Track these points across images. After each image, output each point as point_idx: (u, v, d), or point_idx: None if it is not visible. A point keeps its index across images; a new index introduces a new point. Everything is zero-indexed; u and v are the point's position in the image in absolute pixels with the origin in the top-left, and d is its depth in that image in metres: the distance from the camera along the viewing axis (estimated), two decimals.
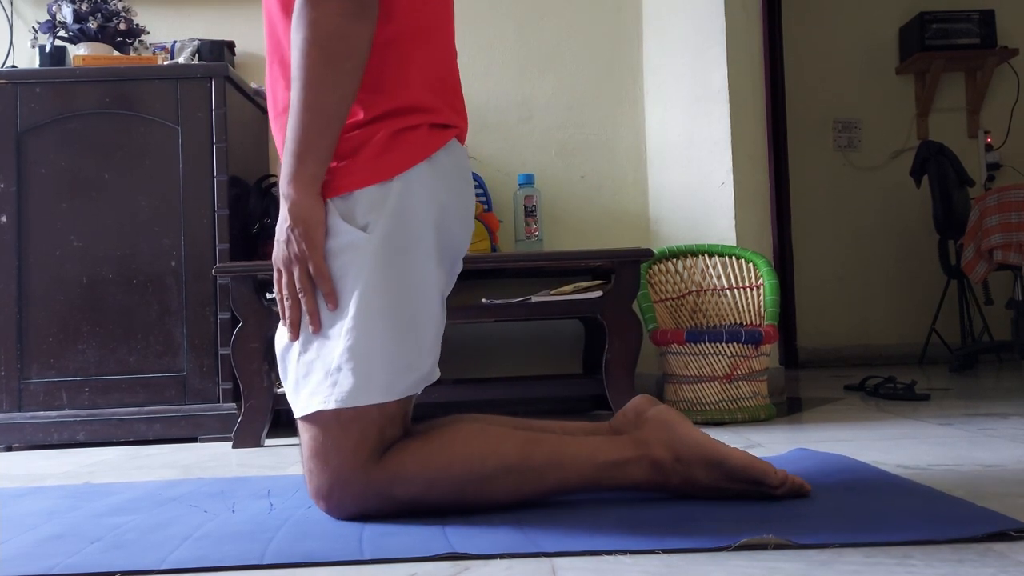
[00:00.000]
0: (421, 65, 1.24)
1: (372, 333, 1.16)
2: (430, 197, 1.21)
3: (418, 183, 1.20)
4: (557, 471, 1.19)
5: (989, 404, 2.47)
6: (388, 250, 1.17)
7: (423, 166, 1.21)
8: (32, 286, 2.32)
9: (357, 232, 1.17)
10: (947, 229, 4.08)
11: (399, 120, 1.20)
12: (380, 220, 1.17)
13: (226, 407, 2.30)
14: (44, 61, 2.53)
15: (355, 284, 1.16)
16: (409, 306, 1.19)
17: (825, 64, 4.71)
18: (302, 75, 1.13)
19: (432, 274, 1.22)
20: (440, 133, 1.26)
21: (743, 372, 2.27)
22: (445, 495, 1.17)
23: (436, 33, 1.29)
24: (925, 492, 1.25)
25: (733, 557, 0.97)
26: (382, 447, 1.17)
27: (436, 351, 1.24)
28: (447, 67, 1.31)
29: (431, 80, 1.26)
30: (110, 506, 1.39)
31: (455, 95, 1.32)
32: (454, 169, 1.27)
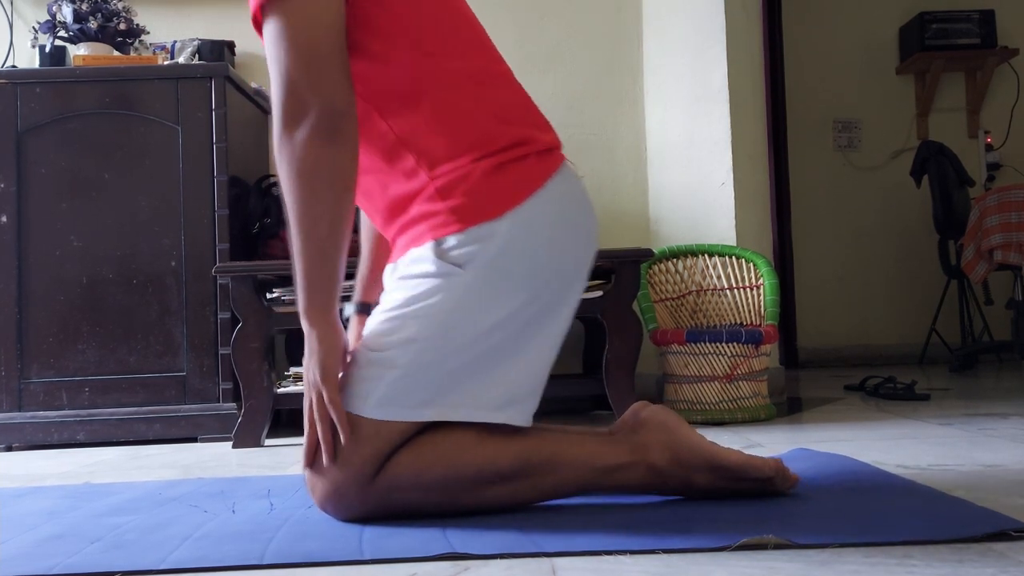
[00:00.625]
0: (501, 100, 1.23)
1: (432, 359, 1.14)
2: (541, 230, 1.18)
3: (529, 217, 1.17)
4: (553, 477, 1.19)
5: (989, 404, 2.47)
6: (476, 289, 1.15)
7: (535, 198, 1.18)
8: (32, 286, 2.32)
9: (449, 266, 1.15)
10: (947, 229, 4.08)
11: (502, 154, 1.19)
12: (478, 260, 1.15)
13: (226, 407, 2.30)
14: (44, 61, 2.53)
15: (431, 311, 1.15)
16: (478, 345, 1.16)
17: (825, 64, 4.71)
18: (292, 208, 1.12)
19: (522, 315, 1.17)
20: (549, 159, 1.23)
21: (743, 372, 2.27)
22: (441, 502, 1.17)
23: (495, 66, 1.28)
24: (925, 492, 1.25)
25: (733, 557, 0.97)
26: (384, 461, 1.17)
27: (509, 388, 1.19)
28: (520, 93, 1.29)
29: (518, 110, 1.25)
30: (110, 506, 1.39)
31: (540, 116, 1.29)
32: (568, 194, 1.24)
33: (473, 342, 1.15)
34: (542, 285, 1.19)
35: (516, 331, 1.18)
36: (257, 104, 2.70)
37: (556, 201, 1.21)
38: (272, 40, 1.13)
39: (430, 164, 1.18)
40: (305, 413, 1.18)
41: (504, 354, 1.17)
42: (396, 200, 1.22)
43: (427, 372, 1.15)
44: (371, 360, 1.16)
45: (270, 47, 1.14)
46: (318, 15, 1.12)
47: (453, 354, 1.15)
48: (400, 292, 1.19)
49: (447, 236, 1.16)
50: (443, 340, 1.15)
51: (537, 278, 1.18)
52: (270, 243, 2.42)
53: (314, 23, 1.12)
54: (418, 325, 1.15)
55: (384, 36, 1.18)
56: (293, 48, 1.11)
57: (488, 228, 1.15)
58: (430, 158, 1.18)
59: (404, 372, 1.14)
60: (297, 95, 1.11)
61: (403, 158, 1.20)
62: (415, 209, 1.19)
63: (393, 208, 1.23)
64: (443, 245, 1.16)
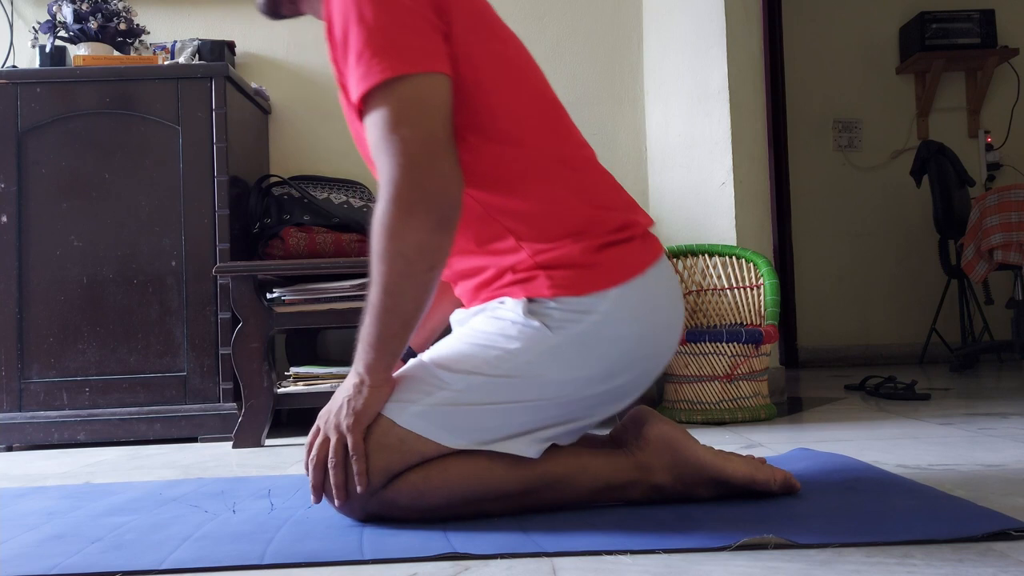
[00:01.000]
0: (597, 185, 1.24)
1: (485, 397, 1.14)
2: (636, 316, 1.18)
3: (628, 301, 1.17)
4: (556, 495, 1.19)
5: (989, 404, 2.47)
6: (558, 352, 1.15)
7: (636, 282, 1.18)
8: (32, 286, 2.32)
9: (538, 323, 1.15)
10: (947, 229, 4.08)
11: (605, 237, 1.19)
12: (568, 329, 1.15)
13: (226, 407, 2.30)
14: (44, 61, 2.53)
15: (505, 354, 1.15)
16: (538, 399, 1.16)
17: (825, 64, 4.71)
18: (384, 281, 1.11)
19: (591, 388, 1.18)
20: (651, 244, 1.24)
21: (743, 372, 2.27)
22: (442, 516, 1.17)
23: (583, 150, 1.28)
24: (925, 492, 1.25)
25: (733, 557, 0.97)
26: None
27: (545, 432, 1.19)
28: (608, 175, 1.29)
29: (613, 194, 1.25)
30: (110, 506, 1.39)
31: (630, 196, 1.30)
32: (666, 285, 1.24)
33: (533, 395, 1.15)
34: (621, 369, 1.19)
35: (579, 399, 1.18)
36: (257, 104, 2.70)
37: (654, 289, 1.21)
38: (382, 126, 1.10)
39: (530, 243, 1.19)
40: (310, 449, 1.17)
41: (558, 412, 1.18)
42: (489, 272, 1.22)
43: (475, 406, 1.14)
44: (428, 374, 1.16)
45: (379, 132, 1.10)
46: (434, 104, 1.11)
47: (508, 398, 1.15)
48: (483, 326, 1.19)
49: (542, 299, 1.16)
50: (505, 384, 1.15)
51: (619, 362, 1.18)
52: (270, 243, 2.42)
53: (430, 111, 1.11)
54: (487, 362, 1.15)
55: (480, 128, 1.18)
56: (411, 136, 1.09)
57: (586, 302, 1.16)
58: (530, 239, 1.19)
59: (454, 398, 1.14)
60: (413, 182, 1.09)
61: (501, 238, 1.20)
62: (508, 277, 1.20)
63: (483, 279, 1.23)
64: (536, 304, 1.17)
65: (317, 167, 2.80)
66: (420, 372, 1.18)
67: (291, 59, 2.87)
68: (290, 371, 2.28)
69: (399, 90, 1.09)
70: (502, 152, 1.19)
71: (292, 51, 2.87)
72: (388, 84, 1.09)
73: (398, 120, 1.09)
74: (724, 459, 1.23)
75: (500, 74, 1.20)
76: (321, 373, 2.25)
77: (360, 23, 1.10)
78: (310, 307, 2.20)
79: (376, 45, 1.09)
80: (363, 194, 2.66)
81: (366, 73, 1.10)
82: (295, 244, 2.40)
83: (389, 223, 1.10)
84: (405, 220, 1.09)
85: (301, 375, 2.26)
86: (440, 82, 1.12)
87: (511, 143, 1.19)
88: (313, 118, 2.85)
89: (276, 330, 2.22)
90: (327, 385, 2.22)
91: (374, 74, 1.09)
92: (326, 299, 2.20)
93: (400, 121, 1.09)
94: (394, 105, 1.09)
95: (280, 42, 2.87)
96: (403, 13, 1.11)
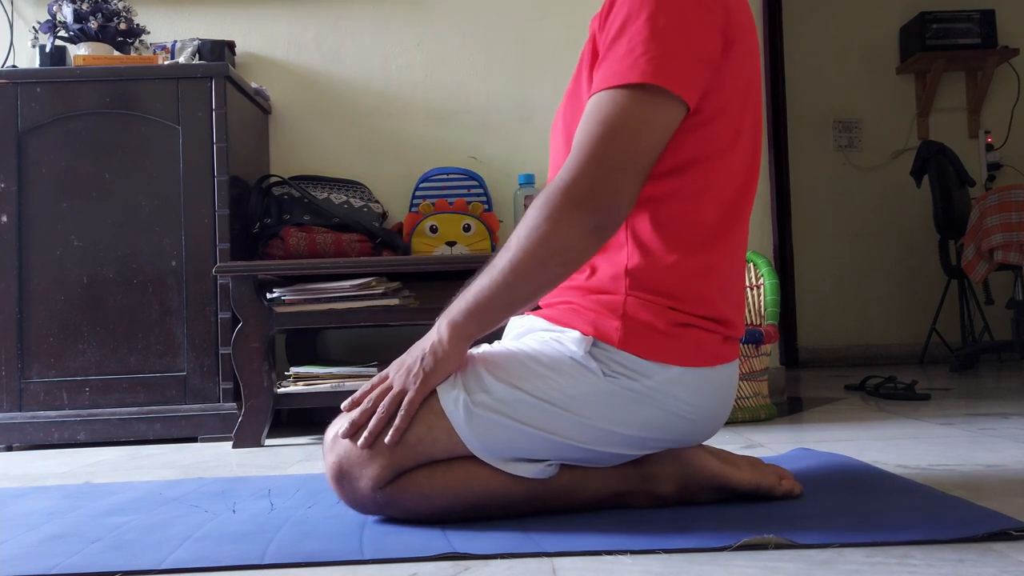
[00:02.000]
0: (731, 281, 1.23)
1: (518, 412, 1.13)
2: (688, 401, 1.17)
3: (686, 385, 1.17)
4: (559, 502, 1.19)
5: (990, 404, 2.47)
6: (603, 397, 1.14)
7: (701, 372, 1.18)
8: (32, 286, 2.32)
9: (595, 363, 1.14)
10: (947, 229, 4.08)
11: (698, 319, 1.18)
12: (621, 382, 1.14)
13: (226, 407, 2.30)
14: (44, 61, 2.53)
15: (551, 381, 1.14)
16: (568, 431, 1.15)
17: (825, 64, 4.71)
18: (516, 259, 1.10)
19: (622, 442, 1.17)
20: (732, 347, 1.25)
21: (743, 372, 2.27)
22: (443, 519, 1.16)
23: (743, 244, 1.27)
24: (925, 492, 1.25)
25: (733, 557, 0.97)
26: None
27: (550, 467, 1.18)
28: (742, 276, 1.28)
29: (736, 295, 1.25)
30: (110, 506, 1.39)
31: (743, 299, 1.30)
32: (726, 386, 1.24)
33: (565, 431, 1.14)
34: (655, 438, 1.18)
35: (606, 450, 1.17)
36: (257, 104, 2.69)
37: (715, 385, 1.21)
38: (604, 118, 1.09)
39: (635, 278, 1.17)
40: (370, 389, 1.16)
41: (581, 455, 1.17)
42: (580, 277, 1.21)
43: (507, 420, 1.13)
44: (473, 372, 1.15)
45: (597, 121, 1.10)
46: (659, 126, 1.11)
47: (541, 426, 1.14)
48: (541, 348, 1.18)
49: (609, 345, 1.15)
50: (543, 411, 1.13)
51: (657, 431, 1.18)
52: (270, 243, 2.42)
53: (652, 131, 1.10)
54: (533, 384, 1.14)
55: (671, 165, 1.16)
56: (619, 142, 1.09)
57: (648, 367, 1.15)
58: (639, 274, 1.17)
59: (490, 404, 1.13)
60: (594, 183, 1.08)
61: (618, 253, 1.19)
62: (591, 301, 1.18)
63: (573, 283, 1.21)
64: (600, 347, 1.15)
65: (317, 167, 2.80)
66: (469, 367, 1.17)
67: (291, 59, 2.87)
68: (290, 371, 2.28)
69: (643, 98, 1.09)
70: (684, 195, 1.17)
71: (292, 51, 2.87)
72: (641, 87, 1.09)
73: (622, 123, 1.09)
74: (731, 466, 1.22)
75: (732, 125, 1.19)
76: (321, 373, 2.25)
77: (650, 22, 1.10)
78: (310, 307, 2.20)
79: (652, 48, 1.09)
80: (363, 194, 2.66)
81: (630, 67, 1.09)
82: (295, 244, 2.40)
83: (550, 207, 1.09)
84: (565, 212, 1.09)
85: (301, 375, 2.26)
86: (677, 111, 1.11)
87: (694, 194, 1.17)
88: (313, 118, 2.85)
89: (276, 330, 2.22)
90: (327, 385, 2.22)
91: (636, 72, 1.09)
92: (326, 299, 2.20)
93: (622, 126, 1.09)
94: (628, 109, 1.09)
95: (280, 42, 2.87)
96: (692, 35, 1.11)
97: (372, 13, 2.87)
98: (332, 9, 2.88)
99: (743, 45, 1.18)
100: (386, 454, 1.13)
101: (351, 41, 2.87)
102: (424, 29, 2.87)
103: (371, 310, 2.20)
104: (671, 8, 1.11)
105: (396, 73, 2.87)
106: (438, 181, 2.69)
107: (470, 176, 2.71)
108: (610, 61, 1.12)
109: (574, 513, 1.19)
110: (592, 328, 1.16)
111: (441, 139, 2.84)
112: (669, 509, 1.19)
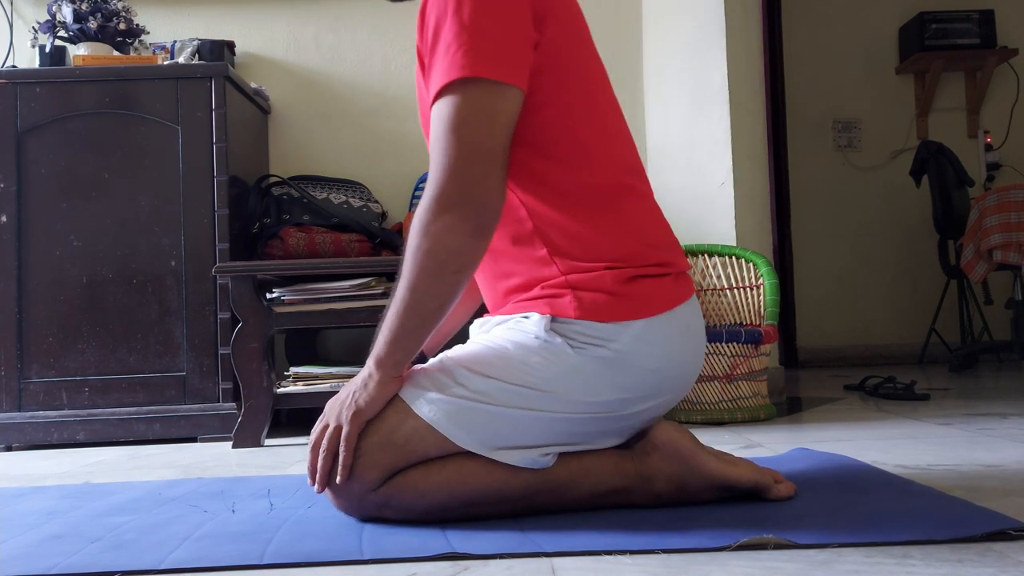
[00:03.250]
0: (646, 222, 1.24)
1: (497, 401, 1.14)
2: (658, 352, 1.18)
3: (652, 336, 1.17)
4: (555, 499, 1.19)
5: (989, 404, 2.47)
6: (575, 370, 1.15)
7: (662, 318, 1.19)
8: (32, 286, 2.32)
9: (560, 339, 1.15)
10: (947, 229, 4.08)
11: (640, 270, 1.19)
12: (589, 351, 1.15)
13: (226, 407, 2.30)
14: (44, 61, 2.53)
15: (523, 365, 1.15)
16: (548, 411, 1.16)
17: (825, 64, 4.71)
18: (411, 279, 1.12)
19: (601, 410, 1.18)
20: (684, 283, 1.25)
21: (743, 372, 2.27)
22: (440, 518, 1.17)
23: (641, 184, 1.28)
24: (925, 492, 1.25)
25: (733, 557, 0.97)
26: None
27: (547, 446, 1.19)
28: (658, 212, 1.29)
29: (661, 234, 1.25)
30: (110, 506, 1.39)
31: (674, 237, 1.29)
32: (691, 325, 1.25)
33: (547, 408, 1.15)
34: (636, 400, 1.19)
35: (590, 422, 1.18)
36: (257, 104, 2.70)
37: (678, 328, 1.21)
38: (445, 121, 1.11)
39: (564, 260, 1.19)
40: (313, 439, 1.18)
41: (568, 432, 1.18)
42: (518, 279, 1.22)
43: (489, 408, 1.14)
44: (447, 371, 1.17)
45: (441, 127, 1.11)
46: (500, 115, 1.12)
47: (522, 406, 1.15)
48: (505, 336, 1.19)
49: (567, 319, 1.16)
50: (521, 393, 1.15)
51: (635, 392, 1.19)
52: (270, 243, 2.42)
53: (494, 121, 1.11)
54: (506, 370, 1.15)
55: (544, 146, 1.18)
56: (467, 139, 1.10)
57: (609, 330, 1.16)
58: (566, 255, 1.19)
59: (470, 396, 1.14)
60: (458, 186, 1.10)
61: (535, 247, 1.20)
62: (537, 291, 1.20)
63: (512, 285, 1.23)
64: (560, 323, 1.16)
65: (317, 167, 2.80)
66: (439, 367, 1.18)
67: (291, 59, 2.87)
68: (290, 371, 2.28)
69: (472, 91, 1.10)
70: (563, 172, 1.19)
71: (292, 51, 2.87)
72: (464, 82, 1.10)
73: (462, 121, 1.10)
74: (730, 466, 1.22)
75: (576, 94, 1.21)
76: (321, 373, 2.25)
77: (456, 17, 1.11)
78: (310, 307, 2.20)
79: (465, 42, 1.10)
80: (363, 194, 2.66)
81: (449, 67, 1.11)
82: (295, 244, 2.40)
83: (426, 221, 1.11)
84: (442, 221, 1.10)
85: (301, 375, 2.26)
86: (513, 96, 1.13)
87: (573, 166, 1.19)
88: (313, 118, 2.85)
89: (276, 330, 2.22)
90: (327, 385, 2.22)
91: (455, 69, 1.10)
92: (326, 299, 2.20)
93: (463, 122, 1.10)
94: (462, 105, 1.10)
95: (280, 42, 2.87)
96: (500, 18, 1.12)
97: (371, 13, 2.88)
98: (331, 9, 2.88)
99: (561, 11, 1.21)
100: (378, 455, 1.14)
101: (351, 41, 2.87)
102: None
103: (371, 310, 2.20)
104: (472, 1, 1.12)
105: (396, 73, 2.88)
106: None
107: None
108: (437, 67, 1.13)
109: (571, 511, 1.19)
110: (548, 307, 1.17)
111: None
112: (668, 509, 1.19)
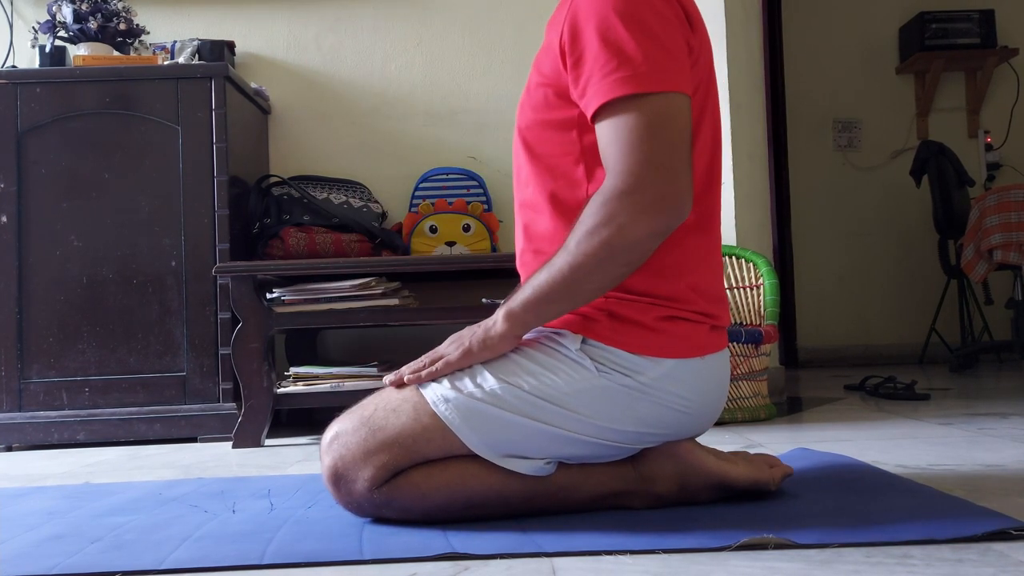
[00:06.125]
0: (706, 277, 1.24)
1: (514, 409, 1.14)
2: (681, 394, 1.18)
3: (679, 377, 1.18)
4: (555, 502, 1.19)
5: (989, 404, 2.47)
6: (596, 394, 1.15)
7: (692, 363, 1.19)
8: (32, 286, 2.32)
9: (588, 360, 1.15)
10: (947, 229, 4.08)
11: (682, 312, 1.19)
12: (614, 379, 1.15)
13: (226, 407, 2.30)
14: (44, 61, 2.53)
15: (546, 378, 1.15)
16: (561, 427, 1.15)
17: (825, 64, 4.71)
18: (578, 258, 1.11)
19: (615, 437, 1.17)
20: (719, 336, 1.26)
21: (743, 372, 2.27)
22: (442, 519, 1.17)
23: (717, 238, 1.28)
24: (925, 492, 1.25)
25: (733, 557, 0.97)
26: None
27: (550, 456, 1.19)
28: (719, 269, 1.29)
29: (715, 289, 1.26)
30: (110, 506, 1.39)
31: (724, 291, 1.31)
32: (718, 375, 1.25)
33: (561, 425, 1.15)
34: (651, 433, 1.19)
35: (602, 445, 1.18)
36: (257, 104, 2.69)
37: (707, 375, 1.22)
38: (636, 132, 1.09)
39: None
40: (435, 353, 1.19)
41: (578, 451, 1.18)
42: None
43: (503, 413, 1.14)
44: (468, 369, 1.17)
45: (632, 137, 1.10)
46: (682, 122, 1.12)
47: (537, 418, 1.15)
48: (534, 348, 1.19)
49: (599, 343, 1.16)
50: (538, 405, 1.14)
51: (652, 426, 1.18)
52: (270, 243, 2.42)
53: (680, 128, 1.11)
54: (528, 381, 1.15)
55: None
56: (665, 146, 1.09)
57: (639, 363, 1.16)
58: None
59: (486, 398, 1.14)
60: (659, 189, 1.09)
61: None
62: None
63: None
64: (591, 345, 1.17)
65: (317, 167, 2.80)
66: (457, 383, 1.18)
67: (291, 59, 2.87)
68: (290, 371, 2.28)
69: (652, 103, 1.10)
70: None
71: (292, 51, 2.87)
72: (640, 97, 1.10)
73: (652, 131, 1.09)
74: (728, 464, 1.23)
75: (702, 127, 1.21)
76: (321, 373, 2.25)
77: (636, 25, 1.11)
78: (310, 307, 2.20)
79: (634, 55, 1.10)
80: (363, 194, 2.66)
81: (618, 81, 1.10)
82: (295, 244, 2.40)
83: (613, 210, 1.09)
84: (633, 216, 1.09)
85: (301, 375, 2.26)
86: (687, 104, 1.13)
87: None
88: (313, 118, 2.85)
89: (276, 330, 2.22)
90: (326, 385, 2.22)
91: (628, 84, 1.10)
92: (326, 299, 2.20)
93: (654, 132, 1.09)
94: (647, 116, 1.10)
95: (280, 42, 2.87)
96: (666, 26, 1.13)
97: (372, 13, 2.88)
98: (332, 9, 2.88)
99: (701, 29, 1.22)
100: (382, 454, 1.14)
101: (351, 41, 2.87)
102: (423, 29, 2.87)
103: (371, 310, 2.20)
104: (640, 6, 1.12)
105: (396, 73, 2.88)
106: (438, 181, 2.69)
107: (470, 176, 2.71)
108: (598, 75, 1.12)
109: (572, 514, 1.19)
110: (581, 327, 1.17)
111: (441, 139, 2.84)
112: (668, 509, 1.19)
